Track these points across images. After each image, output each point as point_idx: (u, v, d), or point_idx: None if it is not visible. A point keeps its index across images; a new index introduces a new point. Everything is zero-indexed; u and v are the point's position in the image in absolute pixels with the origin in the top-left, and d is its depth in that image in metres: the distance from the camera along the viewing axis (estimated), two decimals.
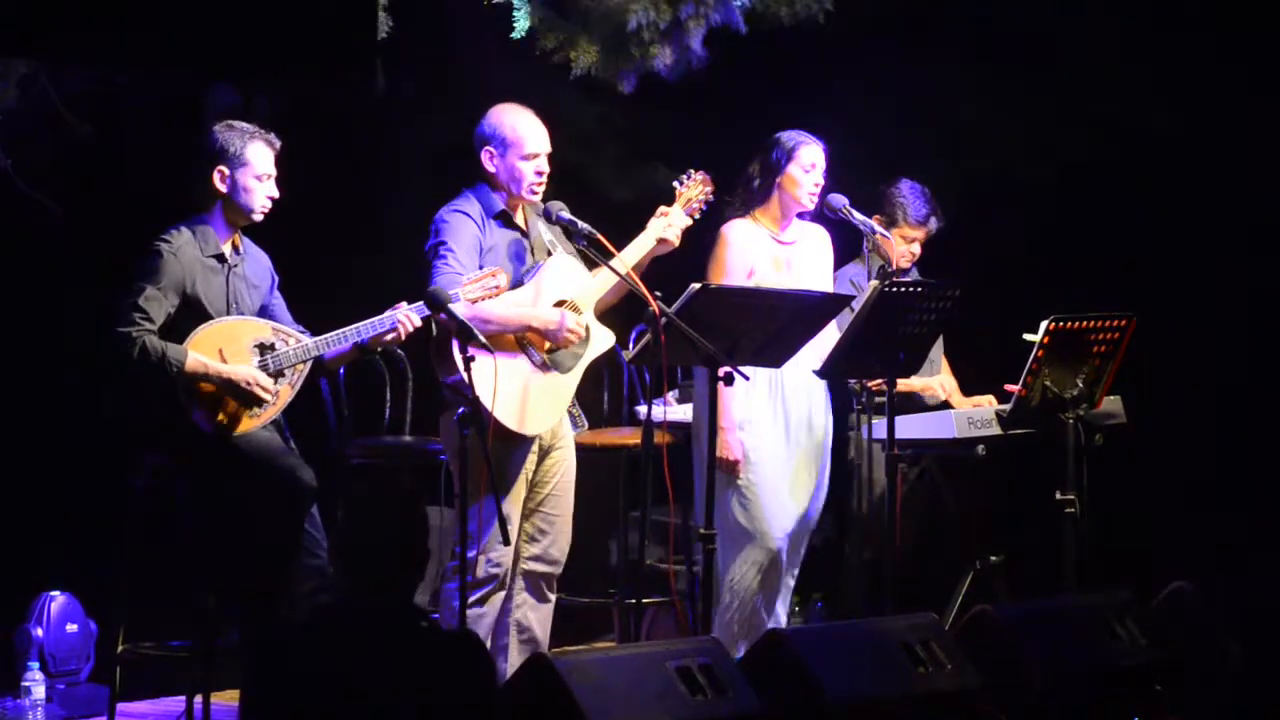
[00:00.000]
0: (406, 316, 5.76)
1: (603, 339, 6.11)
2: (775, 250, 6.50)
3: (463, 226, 5.95)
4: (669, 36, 6.85)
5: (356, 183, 7.48)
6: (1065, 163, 7.90)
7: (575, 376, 6.06)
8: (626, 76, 6.96)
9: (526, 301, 5.97)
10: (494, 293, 5.81)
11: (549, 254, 6.08)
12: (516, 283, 5.98)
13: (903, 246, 7.07)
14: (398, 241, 6.25)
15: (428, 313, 5.75)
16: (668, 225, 6.16)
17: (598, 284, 6.09)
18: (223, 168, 5.83)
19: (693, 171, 6.29)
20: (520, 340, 5.95)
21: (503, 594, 6.01)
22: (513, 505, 5.96)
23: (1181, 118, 7.73)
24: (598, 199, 7.49)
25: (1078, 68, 7.86)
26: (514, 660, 5.96)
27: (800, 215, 6.56)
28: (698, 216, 6.28)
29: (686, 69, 6.98)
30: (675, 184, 6.27)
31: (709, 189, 6.29)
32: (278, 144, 5.89)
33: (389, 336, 5.78)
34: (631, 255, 6.06)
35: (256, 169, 5.83)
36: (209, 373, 5.65)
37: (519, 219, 6.10)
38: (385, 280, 5.98)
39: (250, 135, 5.85)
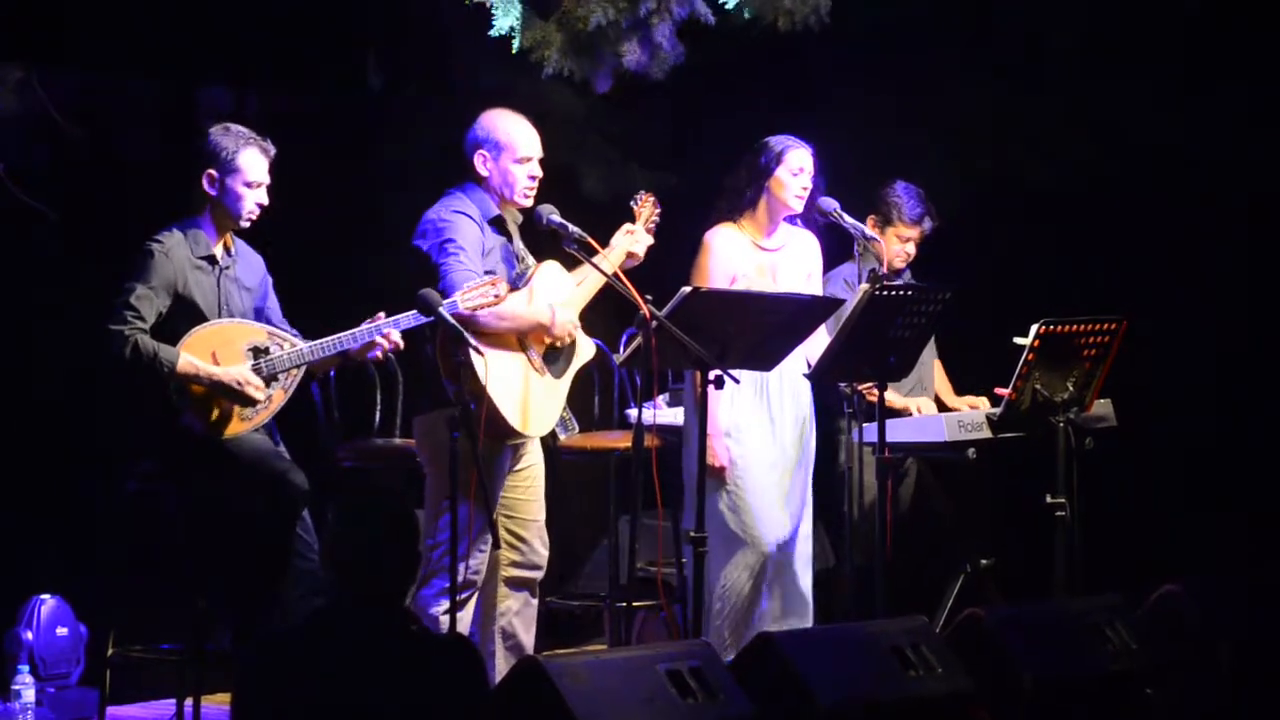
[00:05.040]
0: (388, 334, 5.75)
1: (587, 348, 6.14)
2: (759, 257, 6.50)
3: (467, 227, 5.93)
4: (635, 34, 6.84)
5: (350, 184, 7.48)
6: (1060, 166, 7.91)
7: (567, 381, 6.07)
8: (599, 76, 6.95)
9: (526, 303, 5.97)
10: (494, 301, 5.79)
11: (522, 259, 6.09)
12: (511, 287, 5.98)
13: (898, 246, 7.10)
14: (393, 243, 6.24)
15: (412, 325, 5.74)
16: (635, 241, 6.22)
17: (584, 290, 6.09)
18: (212, 171, 5.81)
19: (642, 193, 6.39)
20: (522, 340, 5.95)
21: (476, 597, 6.01)
22: (494, 508, 5.94)
23: (1180, 120, 7.74)
24: (584, 196, 7.49)
25: (1077, 70, 7.87)
26: (501, 667, 5.94)
27: (790, 220, 6.57)
28: (651, 232, 6.36)
29: (666, 66, 6.96)
30: (631, 204, 6.36)
31: (657, 210, 6.37)
32: (273, 151, 5.86)
33: (371, 353, 5.77)
34: (607, 266, 6.04)
35: (247, 176, 5.81)
36: (200, 374, 5.65)
37: (510, 224, 6.10)
38: (381, 282, 5.98)
39: (244, 141, 5.82)
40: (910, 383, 7.08)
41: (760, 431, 6.44)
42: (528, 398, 5.91)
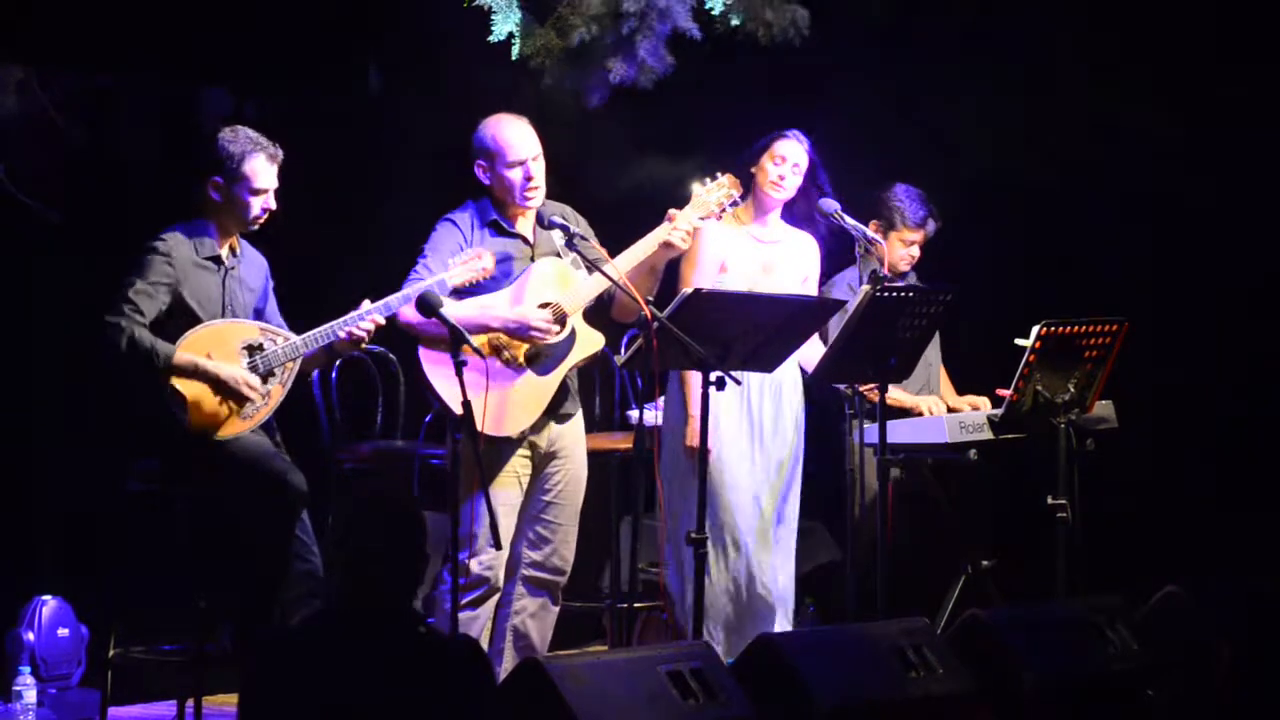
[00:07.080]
0: (361, 322, 5.74)
1: (590, 341, 6.05)
2: (753, 248, 6.49)
3: (446, 236, 5.96)
4: (619, 51, 6.85)
5: (350, 185, 7.48)
6: (1061, 166, 7.91)
7: (556, 377, 6.00)
8: (591, 90, 6.96)
9: (503, 304, 5.95)
10: (480, 274, 5.78)
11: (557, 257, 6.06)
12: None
13: (902, 250, 7.10)
14: (392, 243, 6.25)
15: (397, 309, 5.73)
16: (673, 229, 5.99)
17: (589, 287, 6.00)
18: (218, 178, 5.80)
19: (719, 174, 6.16)
20: (493, 344, 5.92)
21: (495, 597, 6.00)
22: (503, 506, 5.93)
23: (1181, 119, 7.74)
24: (591, 195, 7.48)
25: (1077, 68, 7.87)
26: (508, 667, 5.92)
27: (791, 220, 6.56)
28: (719, 218, 6.17)
29: (654, 78, 6.97)
30: (696, 185, 6.10)
31: (736, 192, 6.15)
32: (280, 155, 5.85)
33: (358, 333, 5.77)
34: (627, 261, 5.96)
35: (254, 183, 5.80)
36: (199, 368, 5.63)
37: (520, 226, 6.07)
38: (379, 282, 5.98)
39: (252, 148, 5.80)
40: (918, 383, 7.08)
41: (737, 426, 6.41)
42: (501, 400, 5.87)
